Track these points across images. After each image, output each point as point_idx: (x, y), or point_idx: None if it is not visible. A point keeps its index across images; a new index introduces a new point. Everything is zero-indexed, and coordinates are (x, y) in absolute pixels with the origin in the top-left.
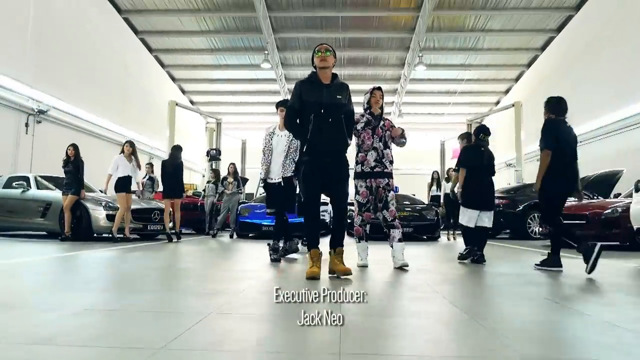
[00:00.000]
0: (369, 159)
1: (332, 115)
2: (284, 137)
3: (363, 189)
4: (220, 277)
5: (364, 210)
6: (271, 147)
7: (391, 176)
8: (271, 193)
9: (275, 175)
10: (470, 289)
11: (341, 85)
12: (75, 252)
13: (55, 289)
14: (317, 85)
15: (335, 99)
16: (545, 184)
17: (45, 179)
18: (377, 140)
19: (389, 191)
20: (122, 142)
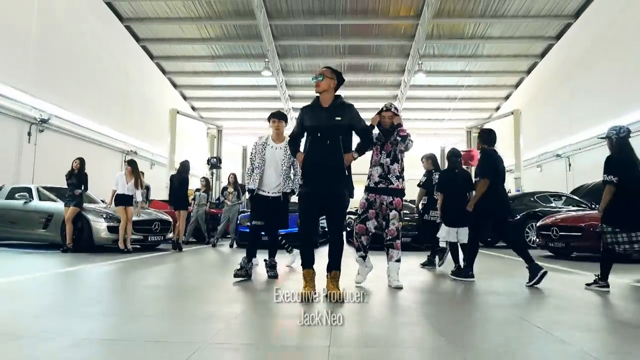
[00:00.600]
0: (374, 174)
1: (329, 138)
2: (280, 150)
3: (363, 200)
4: (218, 298)
5: (359, 222)
6: (264, 158)
7: (398, 193)
8: (261, 205)
9: (268, 188)
10: (458, 311)
11: (341, 105)
12: (75, 267)
13: (54, 312)
14: (317, 109)
15: (333, 121)
16: (482, 206)
17: (47, 189)
18: (385, 156)
19: (392, 210)
20: (123, 149)
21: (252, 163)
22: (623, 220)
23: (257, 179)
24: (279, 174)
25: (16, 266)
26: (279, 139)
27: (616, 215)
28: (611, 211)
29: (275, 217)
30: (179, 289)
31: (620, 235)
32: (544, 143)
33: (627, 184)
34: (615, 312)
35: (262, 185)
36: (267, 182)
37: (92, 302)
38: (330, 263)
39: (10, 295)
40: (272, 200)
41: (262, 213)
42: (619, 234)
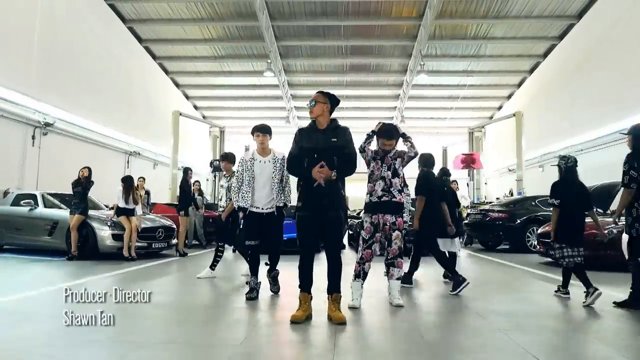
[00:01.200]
0: (377, 188)
1: (325, 160)
2: (269, 164)
3: (367, 224)
4: (220, 322)
5: (365, 247)
6: (253, 174)
7: (401, 209)
8: (255, 224)
9: (261, 204)
10: (457, 337)
11: (336, 128)
12: (82, 280)
13: (61, 339)
14: (314, 131)
15: (329, 142)
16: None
17: (52, 196)
18: (386, 169)
19: (395, 230)
20: (127, 150)
21: (239, 180)
22: (567, 237)
23: (248, 196)
24: (271, 189)
25: (24, 279)
26: (264, 153)
27: (561, 233)
28: (558, 230)
29: (270, 235)
30: (184, 309)
31: (565, 250)
32: (545, 143)
33: (567, 206)
34: (610, 338)
35: (254, 202)
36: (260, 197)
37: (99, 326)
38: (330, 285)
39: (19, 317)
40: (266, 216)
41: (256, 232)
42: (565, 249)
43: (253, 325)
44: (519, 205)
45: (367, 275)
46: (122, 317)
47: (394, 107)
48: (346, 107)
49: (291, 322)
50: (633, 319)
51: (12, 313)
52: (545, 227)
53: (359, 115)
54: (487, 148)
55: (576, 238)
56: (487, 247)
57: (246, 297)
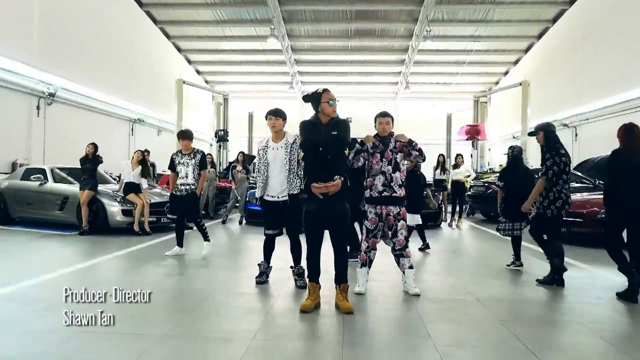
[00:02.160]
0: (377, 183)
1: (330, 152)
2: (281, 150)
3: (372, 215)
4: (230, 310)
5: (371, 237)
6: (267, 161)
7: (403, 202)
8: (273, 212)
9: (275, 191)
10: (466, 328)
11: (338, 122)
12: (94, 260)
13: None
14: (317, 125)
15: (330, 135)
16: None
17: (61, 170)
18: (386, 164)
19: (399, 220)
20: (131, 117)
21: (259, 169)
22: (510, 213)
23: (262, 185)
24: (284, 176)
25: (40, 258)
26: (277, 138)
27: (506, 210)
28: (504, 207)
29: (290, 223)
30: (196, 295)
31: (507, 224)
32: (551, 111)
33: (512, 188)
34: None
35: (269, 190)
36: (274, 185)
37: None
38: (338, 276)
39: (42, 305)
40: (282, 204)
41: (275, 221)
42: (507, 223)
43: (265, 313)
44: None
45: (372, 263)
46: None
47: (399, 72)
48: (350, 72)
49: (301, 311)
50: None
51: (35, 300)
52: None
53: (364, 80)
54: (491, 114)
55: (518, 214)
56: (488, 218)
57: (256, 281)
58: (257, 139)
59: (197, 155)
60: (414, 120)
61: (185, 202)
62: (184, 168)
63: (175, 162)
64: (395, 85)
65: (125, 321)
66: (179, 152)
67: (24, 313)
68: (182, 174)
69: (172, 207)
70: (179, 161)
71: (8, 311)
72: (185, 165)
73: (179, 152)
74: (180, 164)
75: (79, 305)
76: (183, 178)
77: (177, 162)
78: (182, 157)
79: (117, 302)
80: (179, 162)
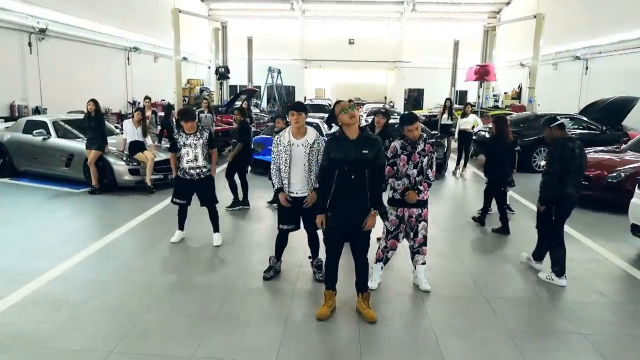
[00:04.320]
0: (401, 186)
1: (355, 172)
2: (301, 147)
3: (393, 217)
4: (248, 319)
5: (391, 237)
6: (290, 158)
7: (425, 204)
8: (291, 208)
9: (294, 188)
10: (472, 331)
11: (368, 139)
12: (109, 237)
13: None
14: (343, 141)
15: (360, 154)
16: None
17: (64, 122)
18: (412, 167)
19: (421, 222)
20: (126, 46)
21: (275, 162)
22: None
23: (285, 180)
24: (303, 174)
25: (52, 235)
26: (299, 134)
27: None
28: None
29: (307, 219)
30: (191, 279)
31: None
32: (562, 41)
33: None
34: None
35: (291, 186)
36: (293, 182)
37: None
38: (360, 284)
39: (57, 304)
40: (300, 200)
41: (292, 217)
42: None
43: (284, 320)
44: (528, 125)
45: (389, 260)
46: (128, 290)
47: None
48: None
49: (317, 319)
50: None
51: (53, 300)
52: None
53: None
54: (499, 36)
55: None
56: None
57: (263, 276)
58: (256, 61)
59: (204, 133)
60: (419, 42)
61: (198, 186)
62: (191, 150)
63: (179, 143)
64: (401, 4)
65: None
66: (181, 131)
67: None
68: (190, 157)
69: (180, 192)
70: (184, 142)
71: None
72: (193, 147)
73: (181, 131)
74: (187, 145)
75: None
76: (192, 161)
77: (182, 143)
78: (187, 138)
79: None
80: (184, 144)
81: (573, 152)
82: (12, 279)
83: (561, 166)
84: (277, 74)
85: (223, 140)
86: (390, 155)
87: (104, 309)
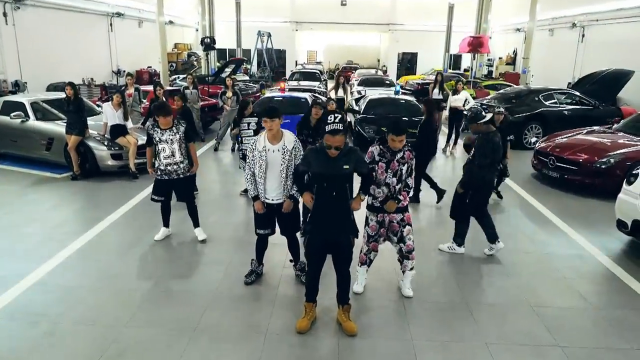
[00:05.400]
0: (381, 194)
1: (336, 188)
2: (277, 153)
3: (373, 222)
4: (230, 330)
5: (371, 241)
6: (266, 163)
7: (407, 210)
8: (267, 214)
9: (272, 194)
10: (450, 344)
11: (348, 152)
12: (95, 230)
13: None
14: (323, 155)
15: (340, 169)
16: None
17: (43, 102)
18: (391, 175)
19: (405, 226)
20: (108, 11)
21: (251, 168)
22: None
23: (259, 187)
24: (280, 180)
25: (30, 226)
26: (275, 139)
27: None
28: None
29: (286, 223)
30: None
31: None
32: (559, 6)
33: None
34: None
35: (266, 192)
36: (269, 188)
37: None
38: (341, 296)
39: (36, 318)
40: (276, 207)
41: (269, 221)
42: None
43: (263, 334)
44: (520, 102)
45: (372, 262)
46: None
47: None
48: None
49: (298, 333)
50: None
51: (31, 313)
52: (546, 143)
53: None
54: (495, 1)
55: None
56: None
57: (244, 281)
58: (245, 24)
59: (180, 127)
60: (413, 4)
61: (177, 184)
62: (167, 146)
63: (154, 139)
64: None
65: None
66: (155, 126)
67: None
68: (167, 153)
69: (158, 188)
70: (159, 138)
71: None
72: (170, 143)
73: (155, 126)
74: (163, 141)
75: None
76: (169, 157)
77: (157, 139)
78: (162, 134)
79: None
80: (160, 140)
81: (498, 145)
82: None
83: (492, 159)
84: (267, 37)
85: (210, 116)
86: (368, 161)
87: (82, 323)
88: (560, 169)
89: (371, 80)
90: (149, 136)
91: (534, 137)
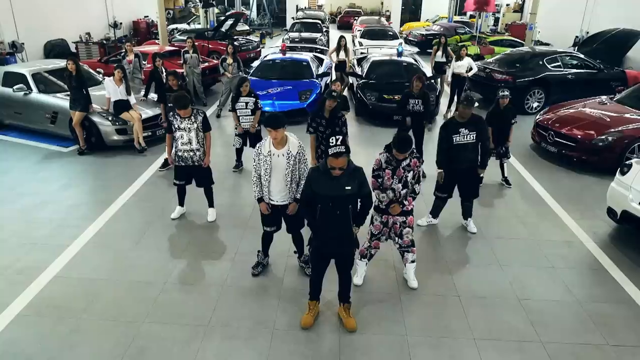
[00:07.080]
0: (386, 199)
1: (339, 208)
2: (282, 157)
3: (377, 222)
4: (238, 328)
5: (374, 239)
6: (270, 167)
7: (411, 213)
8: (272, 213)
9: (277, 196)
10: (441, 341)
11: (352, 172)
12: (105, 216)
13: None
14: (327, 175)
15: (343, 190)
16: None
17: (45, 73)
18: (397, 181)
19: (406, 227)
20: None
21: (256, 171)
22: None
23: (265, 189)
24: (284, 183)
25: (44, 210)
26: (280, 144)
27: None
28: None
29: (291, 223)
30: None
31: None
32: None
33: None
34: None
35: (270, 194)
36: (274, 190)
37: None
38: (342, 295)
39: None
40: (281, 208)
41: (275, 219)
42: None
43: (270, 330)
44: (523, 66)
45: (372, 257)
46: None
47: None
48: None
49: (302, 328)
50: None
51: (55, 307)
52: (545, 115)
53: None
54: None
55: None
56: (486, 100)
57: (252, 272)
58: None
59: (198, 117)
60: None
61: (196, 172)
62: (185, 134)
63: (173, 125)
64: None
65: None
66: (175, 114)
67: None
68: (185, 140)
69: (179, 174)
70: (178, 126)
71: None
72: (187, 131)
73: (175, 114)
74: (181, 129)
75: None
76: (186, 144)
77: (176, 126)
78: (181, 122)
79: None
80: (178, 127)
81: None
82: (14, 279)
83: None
84: None
85: (211, 78)
86: (375, 168)
87: (104, 318)
88: (558, 144)
89: (375, 32)
90: (169, 123)
91: (535, 102)
